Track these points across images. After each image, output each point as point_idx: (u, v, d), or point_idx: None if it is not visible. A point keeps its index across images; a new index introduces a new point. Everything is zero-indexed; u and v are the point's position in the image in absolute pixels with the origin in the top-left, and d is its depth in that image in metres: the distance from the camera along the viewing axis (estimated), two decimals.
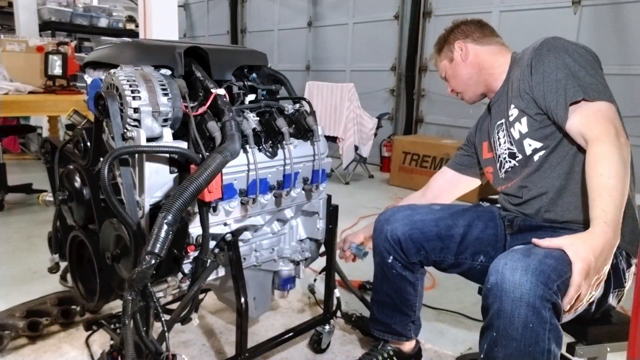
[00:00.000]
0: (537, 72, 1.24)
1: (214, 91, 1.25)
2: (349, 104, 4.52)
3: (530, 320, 0.95)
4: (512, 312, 0.96)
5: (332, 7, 6.26)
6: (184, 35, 8.71)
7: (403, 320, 1.53)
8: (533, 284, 0.95)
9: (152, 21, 3.31)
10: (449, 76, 1.52)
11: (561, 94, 1.18)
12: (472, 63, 1.45)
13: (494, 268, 1.01)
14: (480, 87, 1.47)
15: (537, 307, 0.95)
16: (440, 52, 1.53)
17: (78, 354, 1.66)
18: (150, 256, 0.98)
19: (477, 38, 1.47)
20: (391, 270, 1.46)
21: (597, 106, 1.15)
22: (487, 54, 1.45)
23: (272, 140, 1.36)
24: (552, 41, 1.26)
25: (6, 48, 3.34)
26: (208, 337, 1.82)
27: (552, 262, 0.99)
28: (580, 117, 1.15)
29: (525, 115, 1.27)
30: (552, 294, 0.95)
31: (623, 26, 3.88)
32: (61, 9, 4.80)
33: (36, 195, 3.15)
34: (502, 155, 1.38)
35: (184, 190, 1.02)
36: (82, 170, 1.32)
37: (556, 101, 1.19)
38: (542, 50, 1.25)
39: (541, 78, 1.22)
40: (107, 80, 1.19)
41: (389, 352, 1.56)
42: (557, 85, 1.19)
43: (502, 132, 1.38)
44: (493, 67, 1.43)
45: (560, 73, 1.19)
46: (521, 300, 0.95)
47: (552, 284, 0.96)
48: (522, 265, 0.97)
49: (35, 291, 1.97)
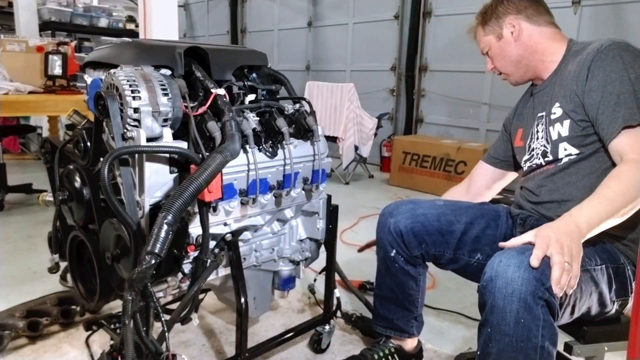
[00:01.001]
0: (595, 77, 1.16)
1: (214, 91, 1.25)
2: (349, 104, 4.52)
3: (522, 316, 0.95)
4: (504, 307, 0.96)
5: (332, 7, 6.26)
6: (184, 35, 8.71)
7: (405, 316, 1.53)
8: (525, 280, 0.95)
9: (152, 21, 3.31)
10: (493, 54, 1.39)
11: (619, 112, 1.11)
12: (524, 44, 1.33)
13: (489, 265, 1.01)
14: (529, 72, 1.37)
15: (529, 303, 0.95)
16: (486, 25, 1.39)
17: (78, 354, 1.66)
18: (150, 256, 0.98)
19: (531, 15, 1.33)
20: (394, 264, 1.46)
21: None
22: (542, 36, 1.32)
23: (272, 140, 1.37)
24: (621, 48, 1.16)
25: (6, 48, 3.34)
26: (208, 337, 1.82)
27: (548, 259, 0.98)
28: (628, 140, 1.10)
29: (569, 118, 1.21)
30: (545, 290, 0.95)
31: (623, 26, 3.88)
32: (61, 9, 4.80)
33: (36, 195, 3.15)
34: (535, 149, 1.33)
35: (184, 190, 1.02)
36: (82, 170, 1.32)
37: (610, 118, 1.12)
38: (608, 55, 1.16)
39: (598, 86, 1.15)
40: (107, 80, 1.19)
41: (390, 349, 1.55)
42: (616, 101, 1.12)
43: (541, 125, 1.31)
44: (546, 53, 1.32)
45: (623, 87, 1.12)
46: (512, 295, 0.95)
47: (546, 280, 0.95)
48: (516, 261, 0.97)
49: (35, 291, 1.97)
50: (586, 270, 1.09)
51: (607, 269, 1.14)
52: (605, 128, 1.13)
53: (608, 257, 1.15)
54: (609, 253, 1.16)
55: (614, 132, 1.11)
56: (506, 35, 1.34)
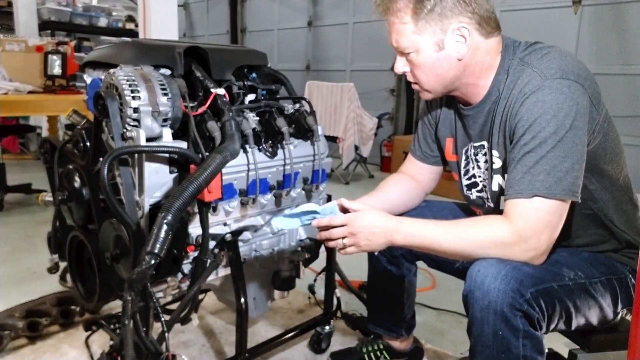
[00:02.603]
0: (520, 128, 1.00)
1: (214, 91, 1.25)
2: (349, 104, 4.51)
3: (499, 328, 0.94)
4: (482, 320, 0.96)
5: (332, 6, 6.26)
6: (183, 35, 8.70)
7: (392, 316, 1.54)
8: (501, 292, 0.93)
9: (152, 21, 3.31)
10: (419, 63, 1.06)
11: (537, 176, 0.96)
12: (465, 63, 1.05)
13: (468, 275, 0.99)
14: (455, 92, 1.14)
15: (505, 315, 0.93)
16: (420, 18, 1.02)
17: (78, 354, 1.66)
18: (149, 256, 0.98)
19: (485, 19, 1.03)
20: (378, 264, 1.48)
21: (549, 206, 0.96)
22: (486, 52, 1.06)
23: (272, 140, 1.36)
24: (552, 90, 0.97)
25: (5, 48, 3.34)
26: (208, 337, 1.81)
27: (529, 269, 0.97)
28: (533, 213, 0.96)
29: None
30: (524, 302, 0.93)
31: (623, 26, 3.88)
32: (61, 9, 4.80)
33: (35, 195, 3.15)
34: (477, 181, 1.21)
35: (183, 190, 1.02)
36: (81, 170, 1.32)
37: (508, 180, 1.01)
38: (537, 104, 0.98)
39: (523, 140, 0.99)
40: (106, 80, 1.18)
41: (379, 345, 1.58)
42: (535, 162, 0.97)
43: (482, 156, 1.16)
44: (482, 75, 1.08)
45: (543, 150, 0.96)
46: (489, 308, 0.94)
47: (524, 291, 0.94)
48: (493, 272, 0.95)
49: (35, 291, 1.96)
50: (579, 284, 1.05)
51: (610, 281, 1.10)
52: (515, 182, 0.99)
53: (607, 270, 1.12)
54: (607, 266, 1.13)
55: (525, 192, 0.97)
56: (448, 47, 1.03)
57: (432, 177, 1.39)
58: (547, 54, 1.03)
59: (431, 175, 1.38)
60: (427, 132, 1.35)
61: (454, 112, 1.23)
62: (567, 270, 1.05)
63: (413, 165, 1.39)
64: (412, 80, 1.14)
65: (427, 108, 1.34)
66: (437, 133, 1.31)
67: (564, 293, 1.01)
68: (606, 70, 3.83)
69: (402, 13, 1.04)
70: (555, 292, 0.99)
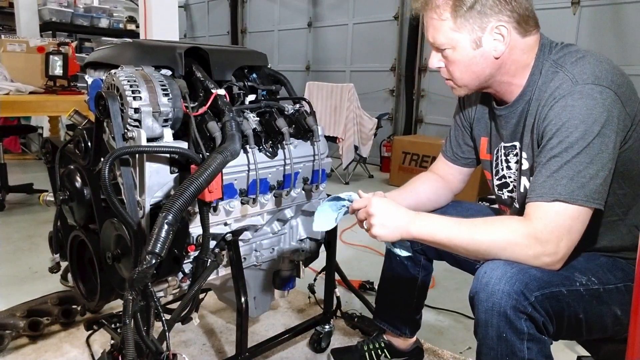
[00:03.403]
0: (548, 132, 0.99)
1: (215, 91, 1.25)
2: (349, 104, 4.52)
3: (503, 331, 0.93)
4: (486, 321, 0.95)
5: (332, 7, 6.26)
6: (184, 36, 8.71)
7: (400, 313, 1.53)
8: (505, 294, 0.92)
9: (153, 22, 3.32)
10: (455, 60, 1.06)
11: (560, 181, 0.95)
12: (502, 61, 1.05)
13: (475, 276, 0.99)
14: (489, 89, 1.13)
15: (509, 317, 0.92)
16: (459, 15, 1.01)
17: (79, 354, 1.66)
18: (150, 256, 0.98)
19: (525, 18, 1.02)
20: (395, 257, 1.46)
21: (571, 212, 0.94)
22: (523, 51, 1.05)
23: (272, 140, 1.37)
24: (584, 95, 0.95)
25: (7, 48, 3.35)
26: (208, 336, 1.82)
27: (537, 272, 0.95)
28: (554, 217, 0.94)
29: None
30: (528, 305, 0.92)
31: (622, 27, 3.88)
32: (62, 10, 4.80)
33: (37, 195, 3.15)
34: (507, 182, 1.20)
35: (184, 190, 1.03)
36: (82, 170, 1.32)
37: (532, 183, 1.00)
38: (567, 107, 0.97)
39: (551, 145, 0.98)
40: (107, 80, 1.19)
41: (381, 343, 1.58)
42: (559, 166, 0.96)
43: (513, 156, 1.16)
44: (517, 74, 1.07)
45: (569, 155, 0.95)
46: (493, 310, 0.93)
47: (529, 294, 0.92)
48: (499, 273, 0.94)
49: (36, 291, 1.97)
50: (592, 290, 1.02)
51: (628, 288, 1.04)
52: (538, 185, 0.97)
53: (626, 276, 1.07)
54: (626, 272, 1.08)
55: (546, 196, 0.95)
56: (486, 44, 1.03)
57: (461, 178, 1.39)
58: (581, 58, 1.01)
59: (460, 176, 1.39)
60: (459, 133, 1.35)
61: (489, 112, 1.23)
62: (580, 275, 1.01)
63: (443, 165, 1.40)
64: (446, 77, 1.13)
65: (460, 108, 1.32)
66: (473, 133, 1.30)
67: (573, 298, 0.98)
68: None
69: (441, 9, 1.04)
70: (563, 296, 0.97)
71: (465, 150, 1.35)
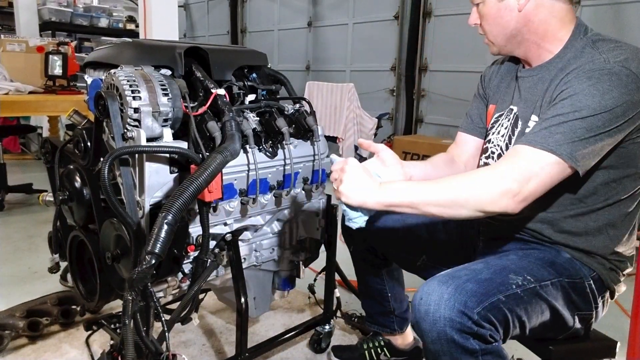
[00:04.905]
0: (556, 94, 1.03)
1: (214, 91, 1.25)
2: (349, 104, 4.52)
3: (456, 356, 0.92)
4: (437, 352, 0.93)
5: (332, 7, 6.26)
6: (184, 36, 8.71)
7: (382, 310, 1.56)
8: (447, 320, 0.90)
9: (152, 21, 3.32)
10: (485, 13, 1.13)
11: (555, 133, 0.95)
12: (527, 18, 1.08)
13: (412, 302, 0.97)
14: (519, 50, 1.15)
15: (457, 342, 0.91)
16: None
17: (78, 354, 1.66)
18: (150, 256, 0.98)
19: None
20: (355, 259, 1.53)
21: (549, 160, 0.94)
22: (552, 14, 1.07)
23: (272, 140, 1.37)
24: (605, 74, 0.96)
25: (6, 48, 3.34)
26: (208, 337, 1.82)
27: (473, 286, 0.94)
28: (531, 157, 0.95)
29: None
30: (472, 324, 0.90)
31: (623, 26, 3.88)
32: (61, 9, 4.80)
33: (36, 195, 3.15)
34: (491, 146, 1.21)
35: (184, 190, 1.03)
36: (82, 170, 1.32)
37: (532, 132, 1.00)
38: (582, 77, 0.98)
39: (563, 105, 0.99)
40: (107, 80, 1.19)
41: (379, 342, 1.59)
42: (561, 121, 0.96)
43: (507, 121, 1.17)
44: (546, 38, 1.10)
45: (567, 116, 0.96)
46: (440, 339, 0.92)
47: (470, 312, 0.90)
48: (435, 298, 0.92)
49: (36, 291, 1.97)
50: (529, 289, 1.01)
51: (561, 282, 1.06)
52: (530, 134, 0.99)
53: (562, 272, 1.07)
54: (565, 267, 1.08)
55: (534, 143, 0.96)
56: None
57: (474, 151, 1.34)
58: (619, 47, 1.03)
59: (473, 149, 1.34)
60: (476, 105, 1.35)
61: (511, 78, 1.24)
62: (515, 277, 1.01)
63: (458, 140, 1.37)
64: (481, 33, 1.19)
65: (481, 81, 1.35)
66: (488, 102, 1.32)
67: (512, 303, 0.97)
68: None
69: None
70: (503, 303, 0.96)
71: (481, 120, 1.34)
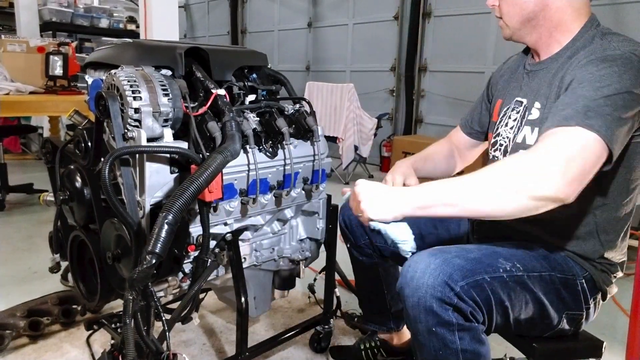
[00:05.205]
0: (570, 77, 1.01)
1: (215, 91, 1.25)
2: (349, 104, 4.52)
3: (432, 325, 0.92)
4: (415, 317, 0.94)
5: (332, 7, 6.27)
6: (184, 36, 8.72)
7: (378, 309, 1.56)
8: (430, 287, 0.91)
9: (153, 22, 3.32)
10: None
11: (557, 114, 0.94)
12: (544, 3, 1.08)
13: (401, 270, 0.97)
14: (531, 38, 1.14)
15: (436, 311, 0.91)
16: None
17: (79, 353, 1.66)
18: (151, 256, 0.98)
19: None
20: (352, 256, 1.53)
21: (588, 138, 0.89)
22: (569, 3, 1.08)
23: (272, 140, 1.37)
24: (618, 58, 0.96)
25: (7, 48, 3.35)
26: (208, 336, 1.82)
27: (461, 261, 0.94)
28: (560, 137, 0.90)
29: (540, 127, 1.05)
30: (454, 296, 0.91)
31: (623, 26, 3.88)
32: (62, 10, 4.81)
33: (37, 195, 3.15)
34: (500, 140, 1.20)
35: (184, 190, 1.03)
36: (83, 171, 1.33)
37: (549, 117, 0.97)
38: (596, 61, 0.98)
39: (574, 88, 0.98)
40: (107, 80, 1.19)
41: (376, 342, 1.59)
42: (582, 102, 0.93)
43: (515, 113, 1.17)
44: (559, 28, 1.10)
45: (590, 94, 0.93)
46: (419, 305, 0.92)
47: (454, 284, 0.91)
48: (422, 266, 0.93)
49: (36, 291, 1.97)
50: (515, 276, 1.00)
51: (552, 277, 1.05)
52: (557, 112, 0.95)
53: (555, 266, 1.06)
54: (558, 262, 1.08)
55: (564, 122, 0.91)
56: None
57: (472, 151, 1.45)
58: (629, 40, 1.02)
59: (472, 149, 1.44)
60: (480, 103, 1.38)
61: (520, 72, 1.23)
62: (504, 262, 1.01)
63: (458, 134, 1.46)
64: (498, 15, 1.18)
65: (488, 85, 1.37)
66: (493, 98, 1.31)
67: (497, 285, 0.97)
68: None
69: None
70: (487, 284, 0.95)
71: (482, 123, 1.38)
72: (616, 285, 1.17)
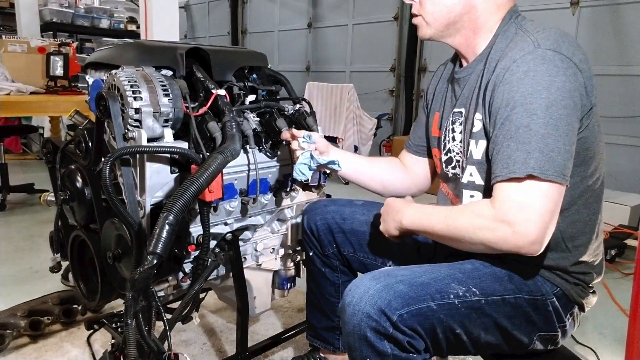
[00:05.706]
0: (499, 96, 0.95)
1: (215, 92, 1.26)
2: (349, 105, 4.53)
3: (366, 354, 0.89)
4: (350, 345, 0.91)
5: (331, 8, 6.28)
6: (184, 37, 8.73)
7: (329, 325, 1.42)
8: (365, 315, 0.87)
9: (153, 22, 3.33)
10: None
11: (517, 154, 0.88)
12: (469, 3, 1.04)
13: (343, 294, 0.94)
14: (454, 40, 1.10)
15: (370, 340, 0.87)
16: None
17: (79, 353, 1.67)
18: (152, 256, 0.99)
19: None
20: (313, 265, 1.40)
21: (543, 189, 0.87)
22: (494, 3, 1.04)
23: (272, 140, 1.37)
24: (541, 59, 0.91)
25: (8, 49, 3.36)
26: (209, 336, 1.82)
27: (404, 288, 0.89)
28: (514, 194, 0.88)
29: (486, 139, 0.99)
30: (390, 326, 0.86)
31: (621, 27, 3.89)
32: (63, 10, 4.81)
33: (38, 195, 3.16)
34: (453, 155, 1.14)
35: (185, 190, 1.03)
36: (83, 171, 1.33)
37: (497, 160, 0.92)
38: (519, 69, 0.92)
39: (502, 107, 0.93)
40: (108, 80, 1.19)
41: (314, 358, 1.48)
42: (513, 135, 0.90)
43: (458, 125, 1.10)
44: (483, 28, 1.05)
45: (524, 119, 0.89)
46: (354, 333, 0.88)
47: (392, 313, 0.86)
48: (361, 292, 0.89)
49: (37, 290, 1.97)
50: (470, 302, 0.94)
51: (518, 299, 0.98)
52: (509, 160, 0.90)
53: (522, 287, 0.99)
54: (524, 283, 1.00)
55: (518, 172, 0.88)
56: None
57: (424, 171, 1.33)
58: (546, 29, 0.97)
59: (424, 169, 1.33)
60: (419, 122, 1.32)
61: (448, 84, 1.19)
62: (457, 286, 0.94)
63: (407, 156, 1.37)
64: (416, 13, 1.12)
65: (425, 95, 1.32)
66: (429, 112, 1.26)
67: (445, 312, 0.91)
68: (603, 71, 3.84)
69: None
70: (432, 312, 0.90)
71: (421, 138, 1.32)
72: (596, 294, 1.10)
